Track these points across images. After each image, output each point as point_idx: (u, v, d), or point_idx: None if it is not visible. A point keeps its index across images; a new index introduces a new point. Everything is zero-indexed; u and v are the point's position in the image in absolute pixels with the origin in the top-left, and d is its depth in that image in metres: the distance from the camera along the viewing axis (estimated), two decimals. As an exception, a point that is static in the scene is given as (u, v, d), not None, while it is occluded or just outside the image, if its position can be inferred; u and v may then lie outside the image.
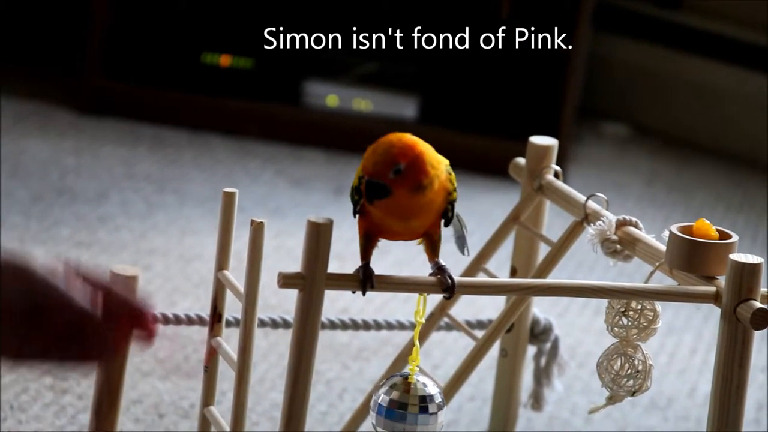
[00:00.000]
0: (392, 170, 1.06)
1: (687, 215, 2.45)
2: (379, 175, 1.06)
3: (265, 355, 1.79)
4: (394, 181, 1.07)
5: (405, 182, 1.07)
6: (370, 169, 1.07)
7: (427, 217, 1.10)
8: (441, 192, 1.10)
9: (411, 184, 1.07)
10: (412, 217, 1.10)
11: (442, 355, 1.84)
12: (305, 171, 2.49)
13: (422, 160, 1.08)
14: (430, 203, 1.09)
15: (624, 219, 1.28)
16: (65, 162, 2.38)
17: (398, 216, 1.10)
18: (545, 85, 2.61)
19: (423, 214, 1.10)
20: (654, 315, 1.21)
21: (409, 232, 1.11)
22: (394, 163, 1.06)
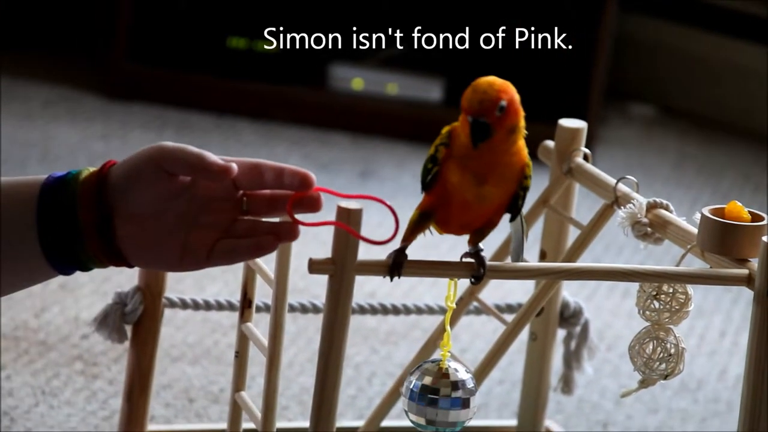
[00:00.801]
0: (498, 107, 1.06)
1: (715, 196, 2.44)
2: (486, 112, 1.05)
3: (293, 340, 1.79)
4: (498, 119, 1.06)
5: (505, 122, 1.06)
6: (476, 107, 1.05)
7: (500, 184, 1.08)
8: (521, 157, 1.09)
9: (509, 124, 1.07)
10: (487, 179, 1.07)
11: (470, 338, 1.84)
12: (331, 155, 2.49)
13: (517, 99, 1.08)
14: (508, 167, 1.08)
15: (655, 201, 1.28)
16: (94, 147, 2.38)
17: (477, 172, 1.07)
18: (572, 66, 2.60)
19: (498, 178, 1.07)
20: (686, 298, 1.20)
21: (479, 204, 1.08)
22: (499, 99, 1.06)
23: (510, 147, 1.08)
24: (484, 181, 1.08)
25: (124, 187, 1.03)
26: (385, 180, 2.40)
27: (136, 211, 1.03)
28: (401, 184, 2.39)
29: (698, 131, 2.76)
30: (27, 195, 1.03)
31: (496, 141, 1.07)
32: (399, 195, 2.34)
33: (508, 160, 1.08)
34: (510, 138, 1.08)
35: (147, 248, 1.03)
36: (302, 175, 1.06)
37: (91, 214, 1.02)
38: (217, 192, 1.05)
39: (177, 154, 1.04)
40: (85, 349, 1.71)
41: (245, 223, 1.06)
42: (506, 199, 1.10)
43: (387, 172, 2.44)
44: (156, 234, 1.02)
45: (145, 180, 1.03)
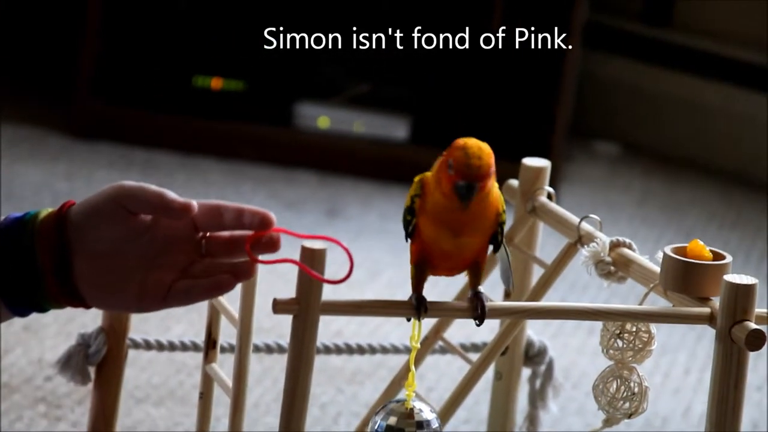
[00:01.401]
0: (489, 175, 1.08)
1: (680, 234, 2.45)
2: (481, 179, 1.07)
3: (259, 380, 1.78)
4: (485, 184, 1.08)
5: (487, 184, 1.09)
6: (475, 173, 1.07)
7: (477, 232, 1.10)
8: (494, 206, 1.10)
9: (489, 184, 1.09)
10: (463, 231, 1.09)
11: (437, 377, 1.84)
12: (298, 193, 2.49)
13: (494, 165, 1.10)
14: (482, 216, 1.10)
15: (618, 240, 1.28)
16: (58, 186, 2.37)
17: (450, 228, 1.09)
18: (536, 104, 2.61)
19: (473, 229, 1.10)
20: (649, 337, 1.21)
21: (459, 252, 1.11)
22: (491, 166, 1.08)
23: (484, 200, 1.10)
24: (460, 233, 1.10)
25: (84, 225, 1.02)
26: (351, 219, 2.41)
27: (95, 251, 1.02)
28: (367, 223, 2.39)
29: (662, 169, 2.78)
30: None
31: (475, 200, 1.08)
32: (365, 233, 2.34)
33: (483, 212, 1.10)
34: (480, 198, 1.09)
35: (105, 288, 1.03)
36: (262, 215, 1.06)
37: (49, 254, 1.02)
38: (176, 233, 1.05)
39: (138, 193, 1.04)
40: (49, 391, 1.70)
41: (203, 263, 1.06)
42: (486, 239, 1.12)
43: (353, 210, 2.44)
44: (114, 274, 1.02)
45: (105, 219, 1.03)
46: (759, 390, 1.92)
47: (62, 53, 2.77)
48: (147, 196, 1.04)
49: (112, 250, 1.03)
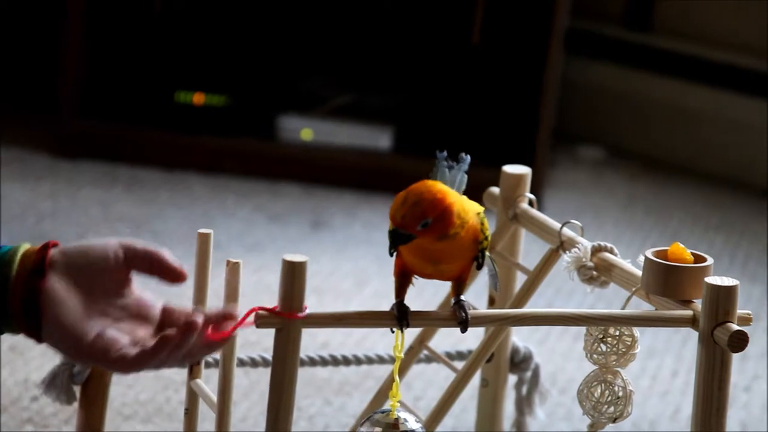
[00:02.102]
0: (420, 224, 1.09)
1: (664, 237, 2.46)
2: (407, 227, 1.09)
3: (246, 394, 1.78)
4: (422, 231, 1.09)
5: (431, 232, 1.09)
6: (398, 220, 1.09)
7: (456, 261, 1.13)
8: (469, 239, 1.12)
9: (436, 234, 1.09)
10: (440, 261, 1.12)
11: (424, 386, 1.84)
12: (282, 206, 2.49)
13: (450, 212, 1.09)
14: (458, 249, 1.11)
15: (599, 245, 1.29)
16: (42, 206, 2.37)
17: (426, 259, 1.12)
18: (520, 111, 2.62)
19: (450, 258, 1.12)
20: (632, 341, 1.21)
21: (440, 274, 1.13)
22: (423, 217, 1.08)
23: (447, 245, 1.11)
24: (439, 261, 1.12)
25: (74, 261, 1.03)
26: (336, 229, 2.41)
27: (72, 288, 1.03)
28: (352, 233, 2.39)
29: (647, 172, 2.78)
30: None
31: (421, 242, 1.10)
32: (350, 244, 2.35)
33: (454, 248, 1.12)
34: (443, 240, 1.10)
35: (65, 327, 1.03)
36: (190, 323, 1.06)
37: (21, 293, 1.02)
38: (145, 308, 1.06)
39: (139, 247, 1.05)
40: (36, 412, 1.69)
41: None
42: (468, 261, 1.14)
43: (338, 221, 2.44)
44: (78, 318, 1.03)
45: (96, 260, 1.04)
46: (746, 391, 1.92)
47: (44, 73, 2.77)
48: (148, 252, 1.05)
49: (86, 293, 1.03)
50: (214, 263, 1.28)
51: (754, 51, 2.75)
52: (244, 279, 1.19)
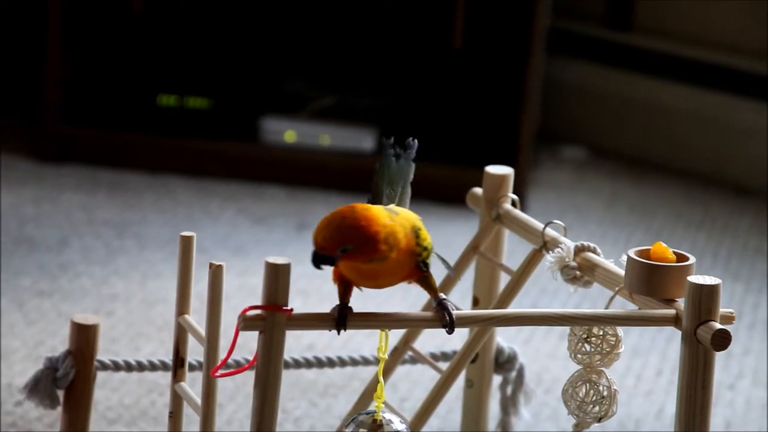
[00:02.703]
0: (339, 249, 1.08)
1: (648, 235, 2.47)
2: (326, 250, 1.08)
3: (232, 396, 1.78)
4: (343, 256, 1.08)
5: (354, 258, 1.08)
6: (319, 242, 1.08)
7: (393, 278, 1.11)
8: (404, 257, 1.10)
9: (360, 260, 1.08)
10: (377, 278, 1.11)
11: (409, 387, 1.84)
12: (266, 208, 2.48)
13: (373, 240, 1.07)
14: (392, 268, 1.10)
15: (582, 245, 1.29)
16: (24, 211, 2.36)
17: (362, 276, 1.11)
18: (502, 111, 2.62)
19: (387, 276, 1.11)
20: (616, 340, 1.21)
21: (380, 286, 1.12)
22: (342, 243, 1.07)
23: (377, 266, 1.09)
24: (377, 277, 1.11)
25: None
26: (320, 232, 2.41)
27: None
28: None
29: (629, 171, 2.79)
30: None
31: (348, 265, 1.08)
32: (334, 246, 2.34)
33: (389, 267, 1.10)
34: (371, 263, 1.09)
35: None
36: None
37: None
38: None
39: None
40: (19, 416, 1.69)
41: None
42: (409, 273, 1.12)
43: (322, 223, 2.44)
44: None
45: None
46: (731, 389, 1.93)
47: (25, 78, 2.76)
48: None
49: None
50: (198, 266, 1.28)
51: (732, 49, 2.76)
52: (227, 282, 1.19)
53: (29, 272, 2.10)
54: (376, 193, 1.18)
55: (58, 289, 2.05)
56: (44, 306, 1.98)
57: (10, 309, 1.96)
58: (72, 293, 2.04)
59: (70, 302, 2.01)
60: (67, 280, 2.09)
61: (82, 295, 2.04)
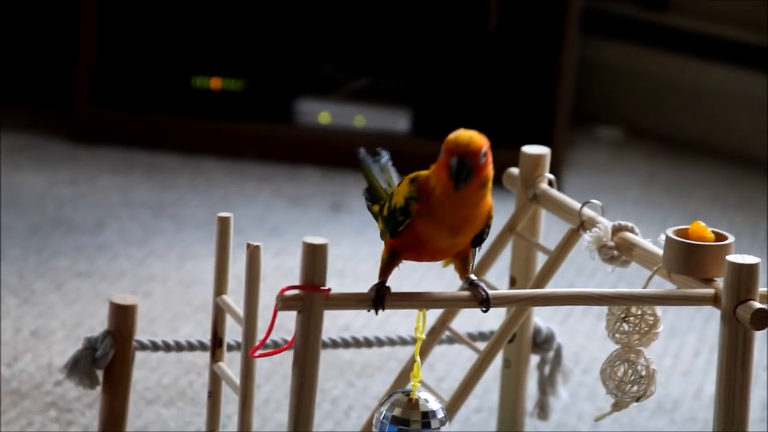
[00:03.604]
0: (481, 153, 1.09)
1: (685, 216, 2.45)
2: (472, 155, 1.09)
3: (269, 376, 1.78)
4: (478, 166, 1.09)
5: (482, 172, 1.10)
6: (463, 148, 1.09)
7: (470, 232, 1.12)
8: (488, 207, 1.13)
9: (484, 177, 1.10)
10: (462, 227, 1.11)
11: (447, 367, 1.84)
12: (301, 189, 2.49)
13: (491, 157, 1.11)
14: (479, 215, 1.12)
15: (620, 225, 1.28)
16: (61, 193, 2.38)
17: (451, 225, 1.11)
18: (537, 92, 2.61)
19: (471, 226, 1.12)
20: (654, 320, 1.21)
21: (452, 248, 1.13)
22: (483, 146, 1.10)
23: (480, 201, 1.11)
24: (457, 233, 1.12)
25: None
26: (355, 212, 2.41)
27: None
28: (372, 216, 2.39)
29: (666, 151, 2.78)
30: None
31: (471, 191, 1.10)
32: (370, 226, 2.35)
33: (478, 212, 1.12)
34: (480, 192, 1.11)
35: None
36: None
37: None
38: None
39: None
40: (59, 396, 1.70)
41: None
42: (474, 234, 1.14)
43: (358, 204, 2.44)
44: None
45: None
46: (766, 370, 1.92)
47: (60, 60, 2.77)
48: None
49: None
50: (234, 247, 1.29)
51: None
52: (263, 263, 1.19)
53: (67, 253, 2.11)
54: (373, 189, 1.19)
55: (96, 270, 2.06)
56: (82, 287, 2.00)
57: (49, 290, 1.97)
58: (110, 274, 2.05)
59: (107, 283, 2.02)
60: (104, 262, 2.10)
61: (119, 276, 2.05)
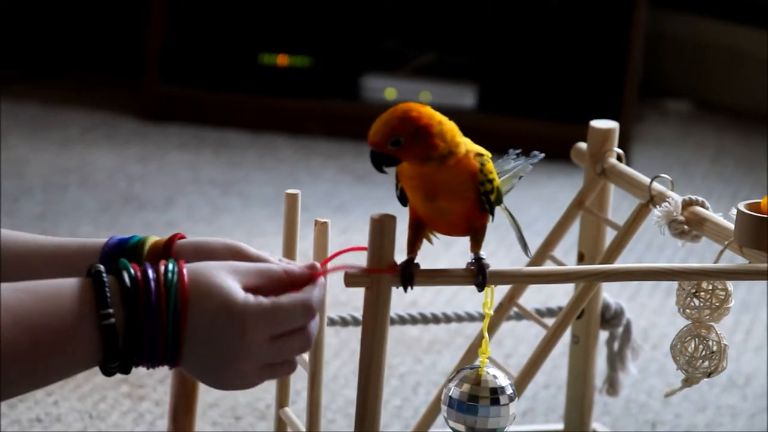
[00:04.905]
0: (390, 141, 1.04)
1: (755, 190, 2.42)
2: (377, 145, 1.05)
3: (337, 353, 1.79)
4: (397, 151, 1.05)
5: (410, 153, 1.05)
6: (370, 138, 1.05)
7: (452, 196, 1.08)
8: (464, 172, 1.07)
9: (418, 154, 1.05)
10: (436, 195, 1.07)
11: (514, 343, 1.84)
12: (367, 166, 2.48)
13: (427, 133, 1.05)
14: (451, 180, 1.07)
15: (690, 199, 1.27)
16: (131, 170, 2.40)
17: (423, 193, 1.07)
18: (605, 65, 2.59)
19: (446, 192, 1.07)
20: (726, 295, 1.20)
21: (442, 215, 1.09)
22: (393, 135, 1.04)
23: (439, 167, 1.06)
24: (435, 197, 1.08)
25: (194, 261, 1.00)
26: (422, 189, 2.41)
27: None
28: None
29: (735, 125, 2.74)
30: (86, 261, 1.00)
31: (414, 167, 1.06)
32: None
33: (447, 176, 1.07)
34: (429, 163, 1.06)
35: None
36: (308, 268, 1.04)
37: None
38: None
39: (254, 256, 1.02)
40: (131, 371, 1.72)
41: None
42: (471, 206, 1.09)
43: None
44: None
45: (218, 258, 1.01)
46: (842, 344, 1.89)
47: (129, 38, 2.80)
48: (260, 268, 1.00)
49: None
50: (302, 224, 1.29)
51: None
52: (331, 239, 1.19)
53: (137, 230, 2.13)
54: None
55: (165, 248, 2.08)
56: (152, 264, 2.01)
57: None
58: (179, 251, 2.07)
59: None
60: (173, 239, 2.12)
61: (188, 253, 2.07)
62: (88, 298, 0.93)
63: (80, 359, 0.94)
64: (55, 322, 0.92)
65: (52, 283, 0.93)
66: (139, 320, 0.94)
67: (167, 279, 0.95)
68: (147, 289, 0.95)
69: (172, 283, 0.95)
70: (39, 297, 0.92)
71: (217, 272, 0.97)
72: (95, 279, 0.94)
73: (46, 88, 2.71)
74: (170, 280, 0.95)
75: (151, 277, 0.95)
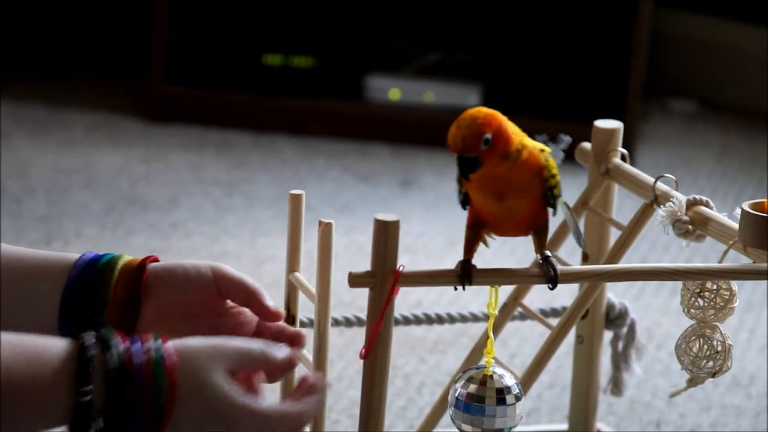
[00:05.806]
0: (482, 141, 1.07)
1: (761, 189, 2.42)
2: (470, 148, 1.07)
3: (341, 353, 1.79)
4: (485, 152, 1.07)
5: (494, 151, 1.08)
6: (459, 144, 1.07)
7: (521, 196, 1.10)
8: (532, 168, 1.10)
9: (500, 152, 1.08)
10: (505, 193, 1.09)
11: (519, 343, 1.84)
12: (371, 166, 2.49)
13: (505, 128, 1.08)
14: (521, 177, 1.10)
15: (694, 198, 1.27)
16: (135, 170, 2.40)
17: (492, 192, 1.10)
18: (609, 65, 2.59)
19: (515, 190, 1.10)
20: (730, 294, 1.19)
21: (510, 215, 1.11)
22: (482, 133, 1.07)
23: (512, 165, 1.09)
24: (504, 196, 1.10)
25: (168, 281, 1.03)
26: (425, 188, 2.41)
27: (165, 309, 1.03)
28: (442, 193, 2.39)
29: (740, 123, 2.74)
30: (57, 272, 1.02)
31: (489, 168, 1.08)
32: (440, 203, 2.34)
33: (518, 174, 1.10)
34: (507, 161, 1.09)
35: None
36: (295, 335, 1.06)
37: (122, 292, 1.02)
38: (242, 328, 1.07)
39: (237, 280, 1.05)
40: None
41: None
42: (537, 202, 1.12)
43: (428, 180, 2.44)
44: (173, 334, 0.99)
45: (191, 284, 1.04)
46: None
47: (133, 38, 2.80)
48: (243, 284, 1.05)
49: (180, 315, 1.04)
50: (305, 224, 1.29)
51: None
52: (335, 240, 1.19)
53: (141, 231, 2.13)
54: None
55: (169, 248, 2.08)
56: (156, 264, 2.01)
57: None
58: (183, 251, 2.07)
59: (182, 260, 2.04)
60: (178, 239, 2.12)
61: (193, 253, 2.07)
62: (68, 372, 0.92)
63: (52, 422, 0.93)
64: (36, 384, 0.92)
65: (39, 343, 0.93)
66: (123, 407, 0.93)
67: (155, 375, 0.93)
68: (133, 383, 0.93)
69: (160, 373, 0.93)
70: (25, 354, 0.92)
71: (210, 365, 0.95)
72: (80, 354, 0.93)
73: (49, 89, 2.71)
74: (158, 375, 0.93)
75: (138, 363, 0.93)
